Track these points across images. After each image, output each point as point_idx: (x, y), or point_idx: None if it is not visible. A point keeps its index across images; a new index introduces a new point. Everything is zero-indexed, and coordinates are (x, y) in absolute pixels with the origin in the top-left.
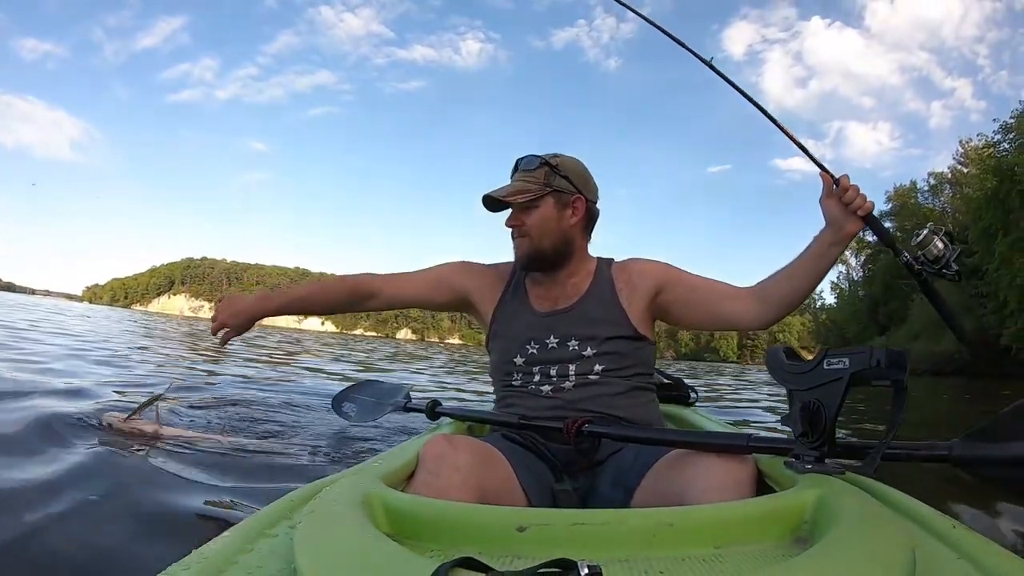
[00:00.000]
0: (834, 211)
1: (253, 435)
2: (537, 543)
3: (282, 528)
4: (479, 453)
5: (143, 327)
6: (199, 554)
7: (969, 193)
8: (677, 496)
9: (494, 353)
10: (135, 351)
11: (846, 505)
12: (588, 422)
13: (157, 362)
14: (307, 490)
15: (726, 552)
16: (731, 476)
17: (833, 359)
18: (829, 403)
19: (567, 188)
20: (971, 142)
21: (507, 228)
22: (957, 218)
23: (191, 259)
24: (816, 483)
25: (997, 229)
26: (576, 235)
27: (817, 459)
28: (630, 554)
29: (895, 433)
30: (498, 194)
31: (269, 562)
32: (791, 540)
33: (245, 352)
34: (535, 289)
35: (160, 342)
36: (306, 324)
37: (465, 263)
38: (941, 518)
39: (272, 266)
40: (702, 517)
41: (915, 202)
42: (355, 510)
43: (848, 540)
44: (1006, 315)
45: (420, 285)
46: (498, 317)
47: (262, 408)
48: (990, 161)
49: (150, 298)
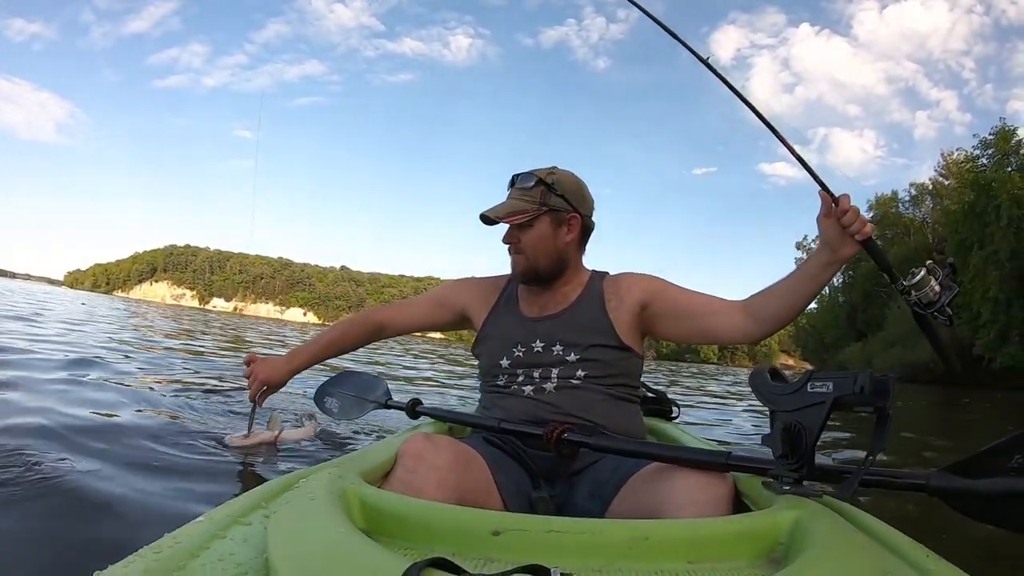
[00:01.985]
0: (831, 232)
1: (329, 421)
2: (511, 548)
3: (257, 517)
4: (458, 454)
5: (183, 323)
6: (171, 538)
7: (948, 205)
8: (654, 509)
9: (483, 357)
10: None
11: (822, 528)
12: (569, 430)
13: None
14: (284, 481)
15: (699, 568)
16: (709, 492)
17: (817, 382)
18: (810, 426)
19: (562, 207)
20: (953, 154)
21: (504, 244)
22: (936, 229)
23: (174, 246)
24: (793, 505)
25: (973, 242)
26: (571, 252)
27: (796, 481)
28: (603, 564)
29: (874, 460)
30: (494, 214)
31: (241, 550)
32: (765, 560)
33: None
34: (527, 297)
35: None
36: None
37: (461, 280)
38: (915, 547)
39: (255, 255)
40: (677, 532)
41: (896, 211)
42: (331, 504)
43: (821, 563)
44: (979, 326)
45: (422, 311)
46: (488, 323)
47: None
48: (969, 175)
49: (132, 285)
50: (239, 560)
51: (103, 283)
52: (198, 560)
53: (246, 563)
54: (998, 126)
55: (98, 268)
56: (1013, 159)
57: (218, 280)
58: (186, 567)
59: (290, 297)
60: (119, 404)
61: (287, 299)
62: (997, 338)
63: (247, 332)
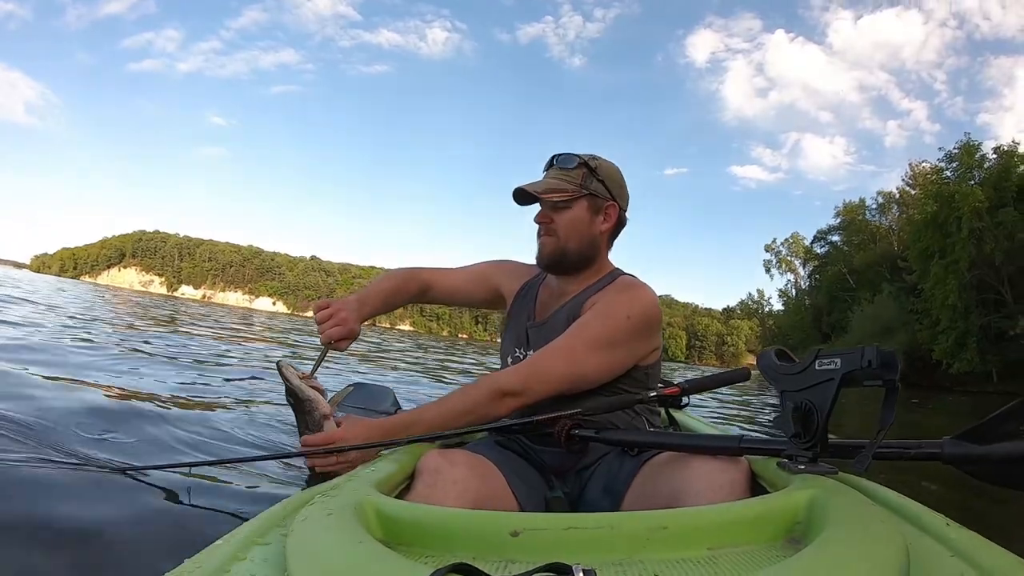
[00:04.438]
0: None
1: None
2: (531, 548)
3: (275, 535)
4: (473, 465)
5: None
6: (192, 563)
7: (914, 215)
8: (670, 498)
9: (501, 347)
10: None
11: (839, 505)
12: (578, 425)
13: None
14: (300, 497)
15: (720, 554)
16: (726, 477)
17: (824, 359)
18: (821, 403)
19: (603, 193)
20: (921, 164)
21: (535, 224)
22: (902, 237)
23: (143, 232)
24: (809, 483)
25: (935, 251)
26: (603, 242)
27: (810, 460)
28: (624, 557)
29: (887, 432)
30: (533, 189)
31: (262, 570)
32: (785, 540)
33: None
34: (542, 295)
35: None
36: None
37: (503, 261)
38: (934, 516)
39: (225, 243)
40: (695, 519)
41: (863, 218)
42: (348, 517)
43: (842, 540)
44: (938, 332)
45: (462, 281)
46: (510, 314)
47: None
48: (933, 187)
49: (100, 270)
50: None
51: (71, 267)
52: None
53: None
54: (963, 140)
55: (65, 252)
56: (977, 173)
57: (187, 267)
58: None
59: (260, 286)
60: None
61: (257, 288)
62: (955, 344)
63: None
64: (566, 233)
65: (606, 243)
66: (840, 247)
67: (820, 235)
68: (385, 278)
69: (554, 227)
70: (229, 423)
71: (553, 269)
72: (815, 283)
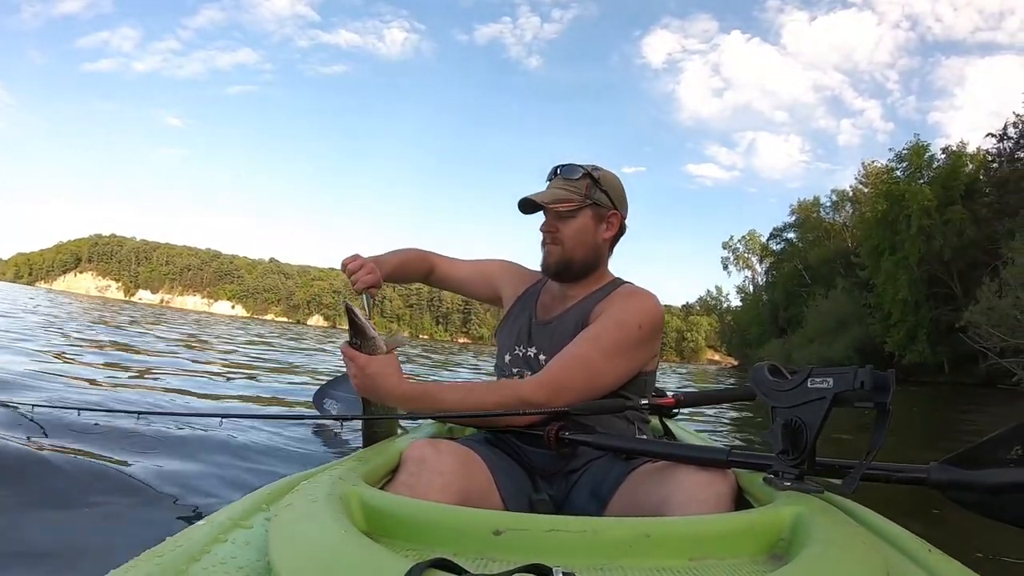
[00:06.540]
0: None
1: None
2: (513, 547)
3: (258, 519)
4: (460, 457)
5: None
6: (173, 542)
7: (866, 212)
8: (655, 507)
9: (497, 347)
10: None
11: (823, 524)
12: (567, 428)
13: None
14: (285, 483)
15: (701, 565)
16: (712, 489)
17: (817, 378)
18: (811, 422)
19: (606, 203)
20: (873, 163)
21: (540, 233)
22: (855, 234)
23: (99, 235)
24: (794, 501)
25: (885, 248)
26: (605, 250)
27: (797, 477)
28: (605, 562)
29: (875, 455)
30: (539, 199)
31: (243, 553)
32: (767, 556)
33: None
34: (544, 297)
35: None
36: (215, 308)
37: (508, 263)
38: (917, 541)
39: (183, 246)
40: (678, 529)
41: (817, 216)
42: (332, 506)
43: (823, 559)
44: (890, 325)
45: (465, 274)
46: (509, 314)
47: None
48: (884, 186)
49: (55, 275)
50: (240, 563)
51: (25, 273)
52: (199, 564)
53: (248, 566)
54: (913, 141)
55: (20, 257)
56: (925, 172)
57: (144, 271)
58: (187, 571)
59: (218, 289)
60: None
61: (215, 291)
62: (906, 337)
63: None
64: (572, 242)
65: (608, 251)
66: (795, 244)
67: (776, 232)
68: (399, 251)
69: (560, 236)
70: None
71: (559, 277)
72: (772, 279)
